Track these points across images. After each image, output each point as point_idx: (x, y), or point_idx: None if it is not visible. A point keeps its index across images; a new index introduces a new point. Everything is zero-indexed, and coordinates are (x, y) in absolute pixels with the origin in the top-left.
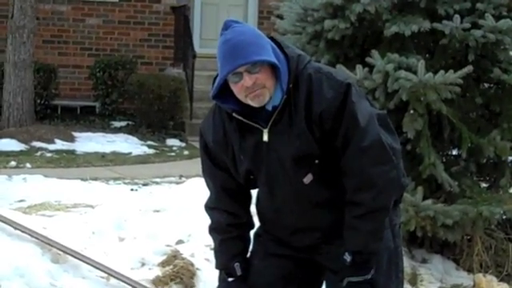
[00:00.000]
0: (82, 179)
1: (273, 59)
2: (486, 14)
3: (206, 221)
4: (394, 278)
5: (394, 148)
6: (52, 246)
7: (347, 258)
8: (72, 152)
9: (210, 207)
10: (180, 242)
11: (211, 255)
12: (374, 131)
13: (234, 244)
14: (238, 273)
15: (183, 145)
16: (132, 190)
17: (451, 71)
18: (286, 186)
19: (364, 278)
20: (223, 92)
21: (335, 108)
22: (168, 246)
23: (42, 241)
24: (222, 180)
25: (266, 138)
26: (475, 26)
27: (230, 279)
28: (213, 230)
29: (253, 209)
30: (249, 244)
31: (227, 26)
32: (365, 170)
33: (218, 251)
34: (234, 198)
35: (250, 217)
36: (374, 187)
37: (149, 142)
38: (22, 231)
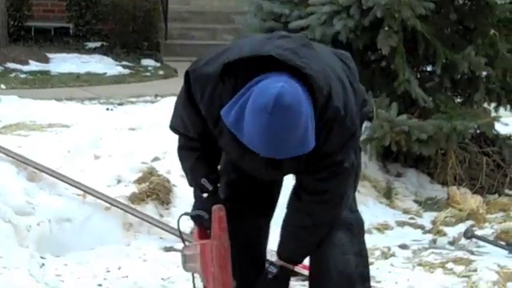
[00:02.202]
0: (57, 100)
1: (308, 149)
2: None
3: None
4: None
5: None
6: (27, 164)
7: (273, 270)
8: (46, 73)
9: (174, 128)
10: (156, 159)
11: None
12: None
13: (199, 163)
14: (209, 187)
15: (158, 65)
16: (107, 109)
17: None
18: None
19: None
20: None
21: (333, 151)
22: (144, 163)
23: (18, 159)
24: (197, 123)
25: None
26: None
27: (204, 195)
28: (179, 148)
29: None
30: (216, 164)
31: (278, 106)
32: (326, 185)
33: (184, 169)
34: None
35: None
36: (328, 202)
37: (124, 63)
38: None
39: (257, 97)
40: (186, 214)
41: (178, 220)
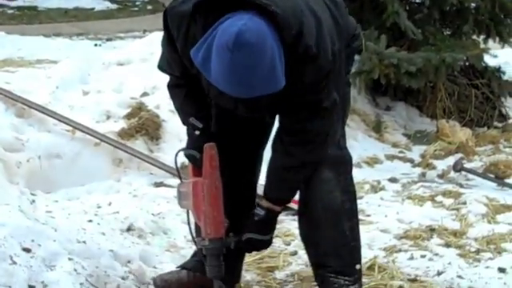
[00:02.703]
0: (45, 35)
1: (277, 88)
2: None
3: None
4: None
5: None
6: (16, 100)
7: (260, 212)
8: (34, 8)
9: (162, 68)
10: (145, 94)
11: None
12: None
13: (188, 101)
14: (199, 125)
15: (146, 0)
16: (96, 45)
17: None
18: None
19: (263, 238)
20: None
21: (309, 90)
22: (133, 98)
23: (6, 96)
24: (178, 62)
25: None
26: None
27: (196, 132)
28: (168, 86)
29: None
30: (205, 101)
31: (239, 44)
32: (306, 125)
33: (175, 108)
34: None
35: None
36: (309, 143)
37: None
38: None
39: (220, 35)
40: (182, 150)
41: (175, 157)
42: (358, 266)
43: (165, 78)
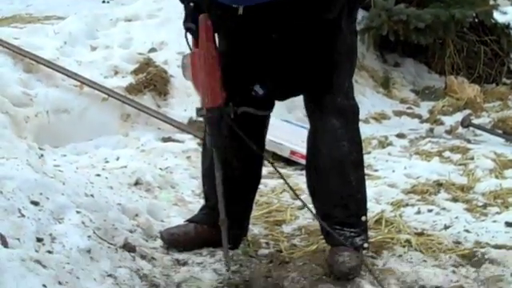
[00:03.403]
0: None
1: None
2: None
3: (179, 30)
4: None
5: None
6: (24, 55)
7: (259, 91)
8: None
9: None
10: (153, 50)
11: None
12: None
13: None
14: None
15: None
16: (104, 1)
17: None
18: None
19: (259, 113)
20: None
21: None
22: (140, 54)
23: (14, 51)
24: None
25: (240, 11)
26: None
27: (191, 4)
28: None
29: None
30: None
31: None
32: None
33: None
34: None
35: None
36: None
37: None
38: None
39: None
40: (184, 23)
41: (186, 35)
42: (363, 218)
43: (172, 35)
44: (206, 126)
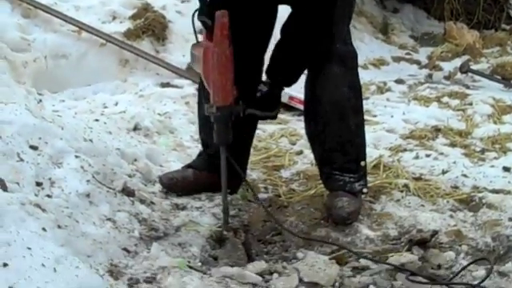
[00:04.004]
0: None
1: None
2: None
3: None
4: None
5: None
6: (22, 0)
7: (263, 89)
8: None
9: None
10: None
11: (183, 8)
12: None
13: None
14: None
15: None
16: None
17: None
18: None
19: (265, 115)
20: None
21: None
22: None
23: None
24: None
25: None
26: None
27: None
28: None
29: None
30: None
31: None
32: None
33: None
34: None
35: None
36: (314, 23)
37: None
38: None
39: None
40: (196, 10)
41: (192, 17)
42: (362, 163)
43: None
44: (215, 124)
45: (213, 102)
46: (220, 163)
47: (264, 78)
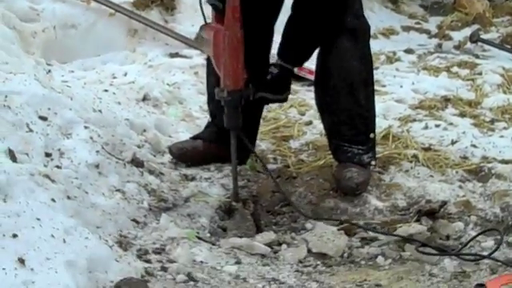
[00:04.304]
0: None
1: None
2: None
3: None
4: None
5: None
6: None
7: (273, 71)
8: None
9: None
10: None
11: None
12: None
13: None
14: None
15: None
16: None
17: None
18: None
19: (276, 98)
20: None
21: None
22: None
23: None
24: None
25: None
26: None
27: None
28: None
29: None
30: None
31: None
32: None
33: None
34: None
35: None
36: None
37: None
38: None
39: None
40: None
41: (200, 4)
42: (372, 135)
43: None
44: (225, 108)
45: (223, 86)
46: (229, 135)
47: (273, 60)
